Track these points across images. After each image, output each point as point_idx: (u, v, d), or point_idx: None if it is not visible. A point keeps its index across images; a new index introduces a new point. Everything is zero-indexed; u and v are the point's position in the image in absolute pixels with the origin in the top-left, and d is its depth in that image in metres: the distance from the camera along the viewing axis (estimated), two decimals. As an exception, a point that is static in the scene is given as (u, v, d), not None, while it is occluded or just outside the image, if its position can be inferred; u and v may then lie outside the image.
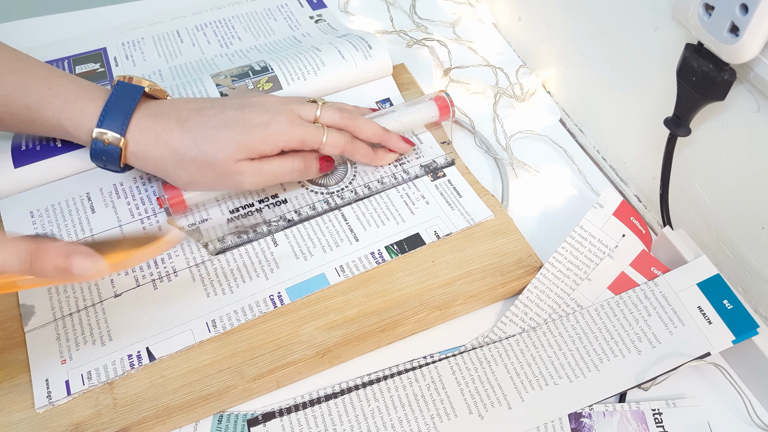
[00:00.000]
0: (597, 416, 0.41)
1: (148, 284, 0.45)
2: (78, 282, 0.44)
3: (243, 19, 0.66)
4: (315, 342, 0.43)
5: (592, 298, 0.45)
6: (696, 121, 0.44)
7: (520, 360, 0.43)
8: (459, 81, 0.61)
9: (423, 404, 0.41)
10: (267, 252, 0.47)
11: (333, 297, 0.45)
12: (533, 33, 0.63)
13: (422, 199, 0.51)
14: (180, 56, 0.62)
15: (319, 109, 0.48)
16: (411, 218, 0.49)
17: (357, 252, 0.47)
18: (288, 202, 0.50)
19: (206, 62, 0.61)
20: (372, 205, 0.50)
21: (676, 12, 0.42)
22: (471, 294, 0.45)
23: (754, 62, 0.37)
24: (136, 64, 0.60)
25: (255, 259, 0.47)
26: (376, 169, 0.52)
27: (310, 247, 0.47)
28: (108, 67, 0.60)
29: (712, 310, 0.43)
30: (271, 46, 0.63)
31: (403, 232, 0.49)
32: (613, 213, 0.46)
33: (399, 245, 0.48)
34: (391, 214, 0.50)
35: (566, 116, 0.61)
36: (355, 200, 0.50)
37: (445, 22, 0.69)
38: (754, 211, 0.42)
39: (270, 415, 0.41)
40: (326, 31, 0.64)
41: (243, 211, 0.49)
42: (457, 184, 0.52)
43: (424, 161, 0.53)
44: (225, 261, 0.46)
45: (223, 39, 0.64)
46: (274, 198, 0.50)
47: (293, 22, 0.66)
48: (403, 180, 0.52)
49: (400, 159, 0.53)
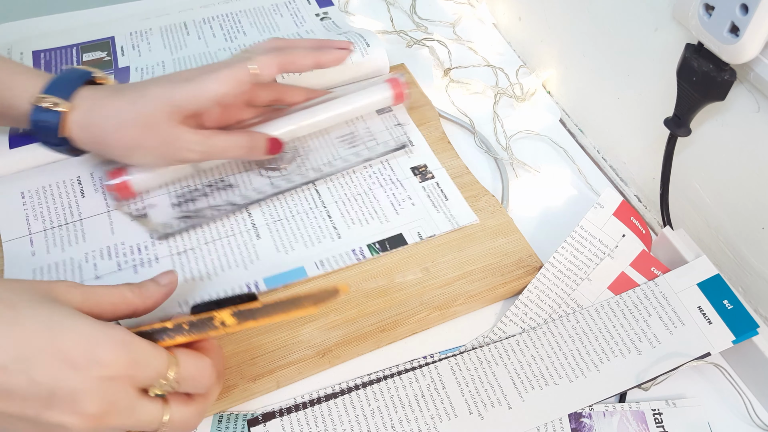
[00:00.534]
0: (597, 416, 0.41)
1: (129, 269, 0.45)
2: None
3: (250, 13, 0.67)
4: (315, 342, 0.43)
5: (592, 298, 0.45)
6: (696, 121, 0.44)
7: (520, 360, 0.43)
8: (459, 81, 0.61)
9: (423, 404, 0.41)
10: (249, 244, 0.47)
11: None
12: (533, 33, 0.63)
13: (408, 200, 0.51)
14: (184, 48, 0.62)
15: (253, 61, 0.45)
16: (395, 218, 0.50)
17: (338, 248, 0.48)
18: (234, 186, 0.50)
19: (209, 55, 0.61)
20: (358, 204, 0.50)
21: (676, 12, 0.42)
22: (471, 294, 0.45)
23: (754, 62, 0.37)
24: (142, 54, 0.61)
25: (237, 250, 0.47)
26: (324, 151, 0.52)
27: (293, 241, 0.48)
28: (114, 56, 0.61)
29: (712, 310, 0.43)
30: None
31: (387, 231, 0.49)
32: (613, 213, 0.46)
33: (381, 244, 0.48)
34: (375, 214, 0.50)
35: (566, 116, 0.61)
36: (304, 183, 0.50)
37: (445, 22, 0.69)
38: (754, 211, 0.42)
39: (270, 415, 0.41)
40: (330, 28, 0.65)
41: (189, 196, 0.49)
42: (445, 186, 0.52)
43: (380, 143, 0.53)
44: (207, 251, 0.47)
45: (229, 33, 0.64)
46: (221, 182, 0.50)
47: (299, 19, 0.67)
48: (354, 162, 0.52)
49: (351, 141, 0.53)
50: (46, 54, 0.60)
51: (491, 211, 0.50)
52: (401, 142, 0.53)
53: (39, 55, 0.60)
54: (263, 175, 0.51)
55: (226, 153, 0.46)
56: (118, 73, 0.59)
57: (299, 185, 0.50)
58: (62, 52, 0.60)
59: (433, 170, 0.53)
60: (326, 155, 0.52)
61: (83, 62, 0.60)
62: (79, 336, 0.30)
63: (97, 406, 0.30)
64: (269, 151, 0.48)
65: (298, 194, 0.51)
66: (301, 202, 0.50)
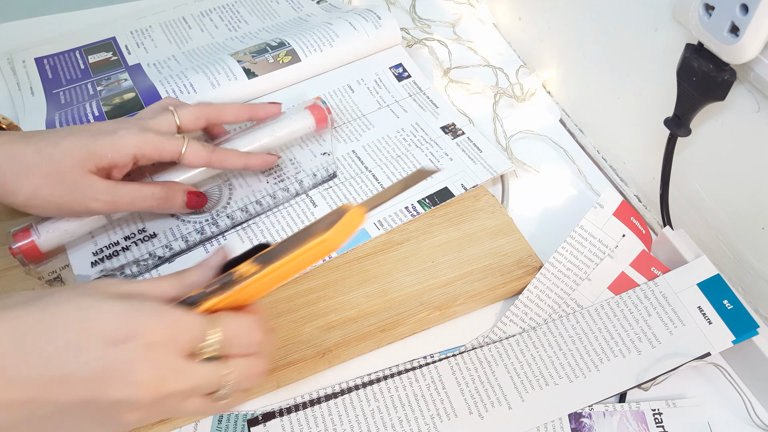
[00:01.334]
0: (597, 416, 0.41)
1: (200, 248, 0.47)
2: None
3: (246, 3, 0.67)
4: (315, 342, 0.42)
5: (592, 298, 0.45)
6: (696, 121, 0.44)
7: (520, 360, 0.43)
8: (459, 81, 0.61)
9: (423, 404, 0.41)
10: (307, 212, 0.49)
11: (333, 297, 0.45)
12: (533, 33, 0.63)
13: (446, 156, 0.53)
14: (191, 41, 0.63)
15: (176, 115, 0.44)
16: (437, 174, 0.52)
17: (392, 207, 0.50)
18: (157, 236, 0.46)
19: (219, 45, 0.62)
20: (400, 165, 0.53)
21: (677, 12, 0.42)
22: (471, 294, 0.45)
23: (754, 62, 0.37)
24: (149, 51, 0.61)
25: (297, 218, 0.49)
26: (253, 191, 0.50)
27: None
28: (121, 56, 0.61)
29: (712, 310, 0.43)
30: (280, 27, 0.64)
31: (432, 186, 0.51)
32: (613, 213, 0.46)
33: (430, 198, 0.50)
34: None
35: (566, 116, 0.61)
36: (233, 226, 0.48)
37: (445, 22, 0.69)
38: (754, 211, 0.42)
39: (270, 415, 0.41)
40: (329, 10, 0.66)
41: (108, 252, 0.45)
42: (476, 140, 0.55)
43: (308, 174, 0.51)
44: (269, 222, 0.48)
45: (230, 23, 0.65)
46: (141, 233, 0.46)
47: (296, 4, 0.67)
48: (283, 198, 0.50)
49: (278, 176, 0.51)
50: (50, 60, 0.60)
51: (491, 211, 0.50)
52: (330, 171, 0.52)
53: (42, 61, 0.59)
54: (185, 221, 0.47)
55: (135, 204, 0.43)
56: (130, 71, 0.58)
57: (228, 229, 0.48)
58: (67, 57, 0.60)
59: (462, 127, 0.56)
60: (253, 193, 0.50)
61: (90, 64, 0.59)
62: (113, 314, 0.30)
63: (150, 374, 0.30)
64: (188, 205, 0.46)
65: (341, 162, 0.52)
66: (345, 169, 0.52)
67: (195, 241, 0.47)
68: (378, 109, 0.57)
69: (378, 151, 0.54)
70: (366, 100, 0.58)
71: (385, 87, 0.59)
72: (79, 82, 0.58)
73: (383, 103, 0.58)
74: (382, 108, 0.57)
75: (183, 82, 0.54)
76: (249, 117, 0.50)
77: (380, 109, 0.57)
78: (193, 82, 0.54)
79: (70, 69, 0.59)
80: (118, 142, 0.41)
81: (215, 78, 0.55)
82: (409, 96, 0.58)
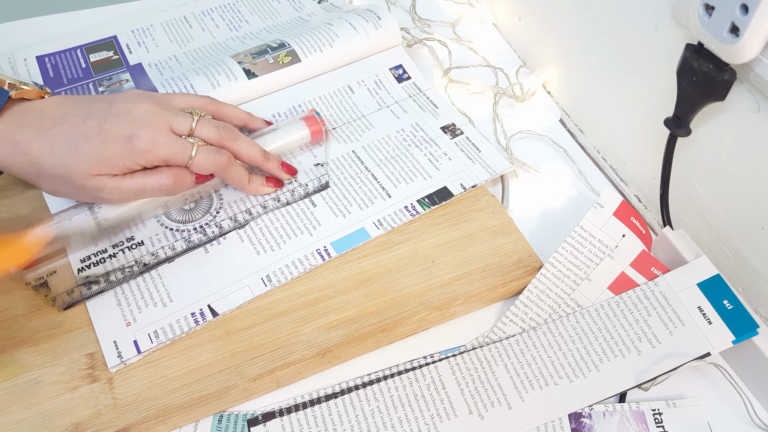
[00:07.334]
0: (597, 416, 0.41)
1: (199, 249, 0.47)
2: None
3: (247, 2, 0.67)
4: (315, 342, 0.43)
5: (592, 298, 0.45)
6: (696, 121, 0.44)
7: (520, 360, 0.43)
8: (459, 81, 0.61)
9: (423, 404, 0.41)
10: (307, 212, 0.49)
11: (333, 297, 0.45)
12: (533, 33, 0.63)
13: (444, 156, 0.54)
14: (192, 41, 0.63)
15: (195, 122, 0.45)
16: (437, 173, 0.52)
17: (391, 207, 0.50)
18: (144, 244, 0.47)
19: (220, 45, 0.62)
20: (399, 165, 0.53)
21: (677, 12, 0.42)
22: (471, 294, 0.45)
23: (755, 62, 0.37)
24: (150, 51, 0.61)
25: (297, 218, 0.49)
26: (243, 199, 0.50)
27: (347, 205, 0.50)
28: (122, 54, 0.61)
29: (712, 310, 0.43)
30: (281, 27, 0.64)
31: (431, 186, 0.51)
32: (613, 213, 0.46)
33: (429, 198, 0.50)
34: (417, 171, 0.52)
35: (566, 116, 0.61)
36: (220, 235, 0.47)
37: (445, 22, 0.69)
38: (754, 211, 0.42)
39: (270, 415, 0.41)
40: (330, 10, 0.66)
41: (95, 259, 0.46)
42: (475, 140, 0.55)
43: (300, 185, 0.51)
44: (268, 220, 0.48)
45: (231, 22, 0.65)
46: (129, 241, 0.47)
47: (297, 4, 0.67)
48: (274, 207, 0.49)
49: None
50: (51, 58, 0.60)
51: (491, 211, 0.50)
52: (323, 182, 0.51)
53: (43, 59, 0.59)
54: (173, 230, 0.47)
55: (147, 195, 0.44)
56: (131, 71, 0.59)
57: (216, 238, 0.47)
58: (68, 55, 0.60)
59: (461, 127, 0.56)
60: (243, 202, 0.49)
61: (91, 63, 0.59)
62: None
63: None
64: (198, 181, 0.46)
65: (341, 162, 0.53)
66: (345, 169, 0.52)
67: (182, 248, 0.47)
68: (378, 110, 0.57)
69: (378, 152, 0.54)
70: (366, 101, 0.58)
71: (385, 88, 0.59)
72: (81, 81, 0.58)
73: (383, 104, 0.58)
74: (382, 109, 0.57)
75: (184, 83, 0.54)
76: (244, 124, 0.51)
77: (380, 110, 0.57)
78: (193, 83, 0.54)
79: (71, 68, 0.59)
80: (129, 153, 0.42)
81: (215, 78, 0.55)
82: (409, 97, 0.58)
